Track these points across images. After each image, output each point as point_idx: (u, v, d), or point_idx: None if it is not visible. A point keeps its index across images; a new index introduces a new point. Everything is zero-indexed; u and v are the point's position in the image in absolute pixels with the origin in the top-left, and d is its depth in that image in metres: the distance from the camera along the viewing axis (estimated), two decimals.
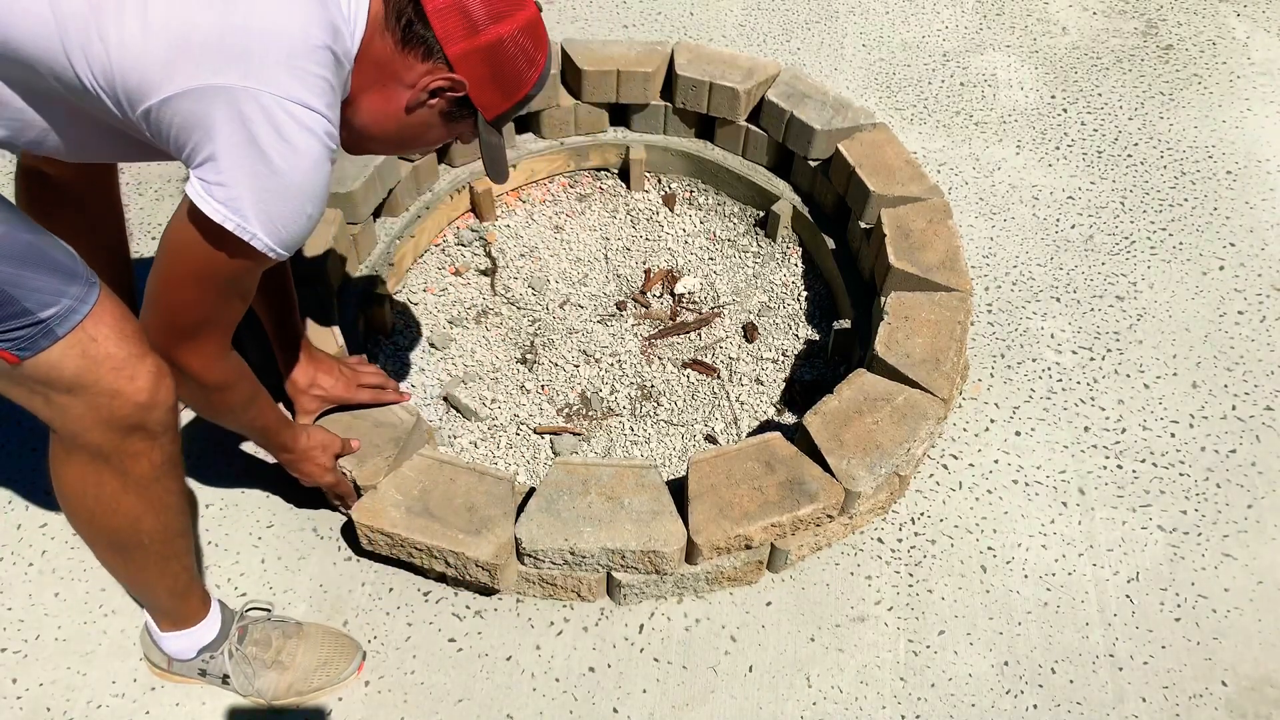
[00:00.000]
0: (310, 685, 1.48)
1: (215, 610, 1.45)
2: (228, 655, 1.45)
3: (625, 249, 2.28)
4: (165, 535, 1.29)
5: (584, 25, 2.86)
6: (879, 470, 1.59)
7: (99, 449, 1.15)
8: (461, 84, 1.16)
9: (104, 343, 1.08)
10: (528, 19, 1.19)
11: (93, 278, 1.11)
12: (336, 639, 1.52)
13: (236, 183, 1.04)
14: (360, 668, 1.52)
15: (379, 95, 1.17)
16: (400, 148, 1.29)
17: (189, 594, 1.41)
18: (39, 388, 1.09)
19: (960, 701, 1.52)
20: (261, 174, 1.04)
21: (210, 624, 1.44)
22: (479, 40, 1.15)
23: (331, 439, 1.55)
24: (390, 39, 1.13)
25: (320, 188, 1.11)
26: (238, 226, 1.06)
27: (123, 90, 1.01)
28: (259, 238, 1.08)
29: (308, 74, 1.03)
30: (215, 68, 0.99)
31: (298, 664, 1.48)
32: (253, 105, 1.00)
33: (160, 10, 0.98)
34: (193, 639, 1.44)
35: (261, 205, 1.06)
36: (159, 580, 1.36)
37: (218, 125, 1.01)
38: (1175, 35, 2.88)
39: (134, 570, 1.35)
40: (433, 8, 1.13)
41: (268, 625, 1.49)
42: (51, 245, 1.08)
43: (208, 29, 0.99)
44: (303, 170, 1.07)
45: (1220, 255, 2.23)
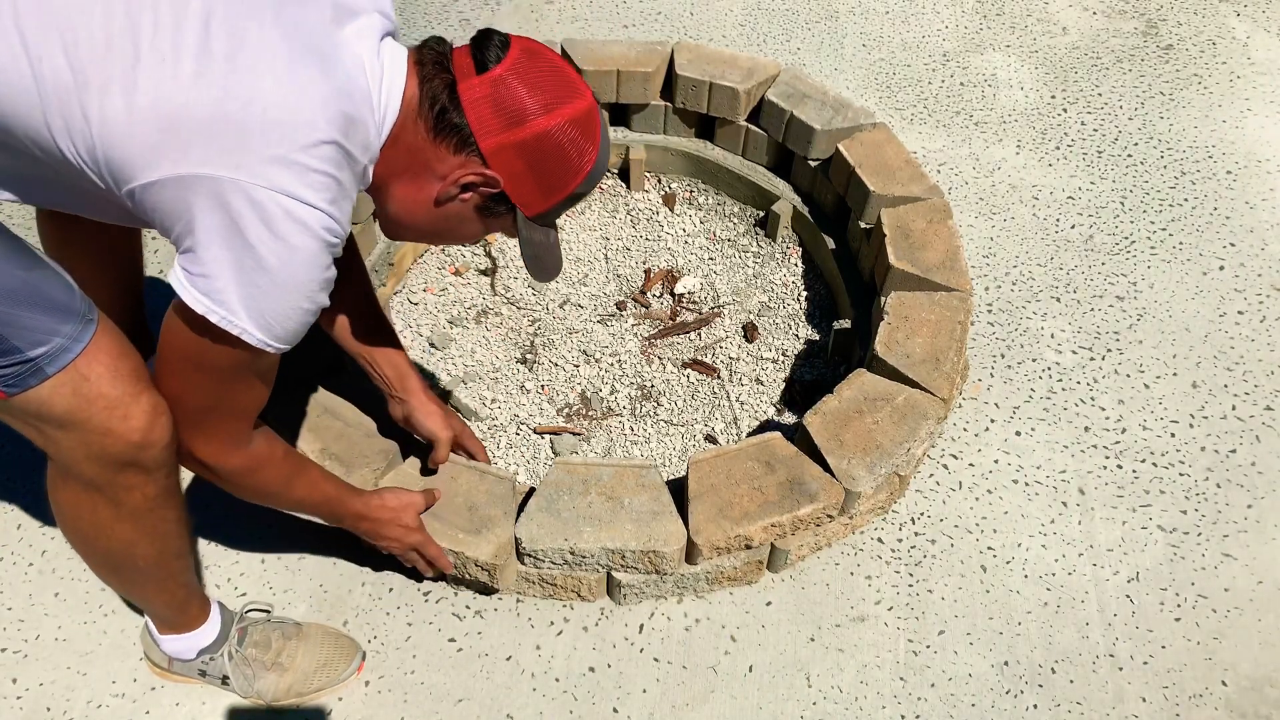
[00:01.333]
0: (310, 686, 1.48)
1: (215, 612, 1.45)
2: (227, 657, 1.45)
3: (625, 249, 2.28)
4: (161, 559, 1.28)
5: (584, 25, 2.86)
6: (879, 470, 1.59)
7: (91, 480, 1.14)
8: (495, 180, 1.09)
9: (96, 382, 1.06)
10: (579, 111, 1.10)
11: (91, 313, 1.07)
12: (336, 640, 1.52)
13: (220, 275, 0.97)
14: (360, 668, 1.52)
15: (410, 184, 1.11)
16: (436, 238, 1.21)
17: (187, 604, 1.41)
18: (31, 420, 1.07)
19: (960, 701, 1.52)
20: (249, 269, 0.97)
21: (210, 626, 1.44)
22: (518, 134, 1.07)
23: (413, 496, 1.47)
24: (422, 126, 1.07)
25: (317, 283, 1.03)
26: (223, 319, 0.99)
27: (105, 167, 0.95)
28: (249, 332, 1.01)
29: (306, 169, 0.96)
30: (204, 157, 0.92)
31: (297, 665, 1.47)
32: (241, 198, 0.93)
33: (149, 89, 0.91)
34: (192, 641, 1.43)
35: (250, 300, 0.99)
36: (156, 596, 1.36)
37: (202, 216, 0.94)
38: (1175, 35, 2.88)
39: (130, 587, 1.35)
40: (469, 97, 1.06)
41: (267, 626, 1.49)
42: (48, 280, 1.03)
43: (200, 115, 0.92)
44: (296, 267, 0.99)
45: (1220, 255, 2.23)
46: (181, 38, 0.92)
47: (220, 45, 0.93)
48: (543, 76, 1.08)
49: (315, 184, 0.97)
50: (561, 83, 1.09)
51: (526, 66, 1.08)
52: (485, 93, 1.06)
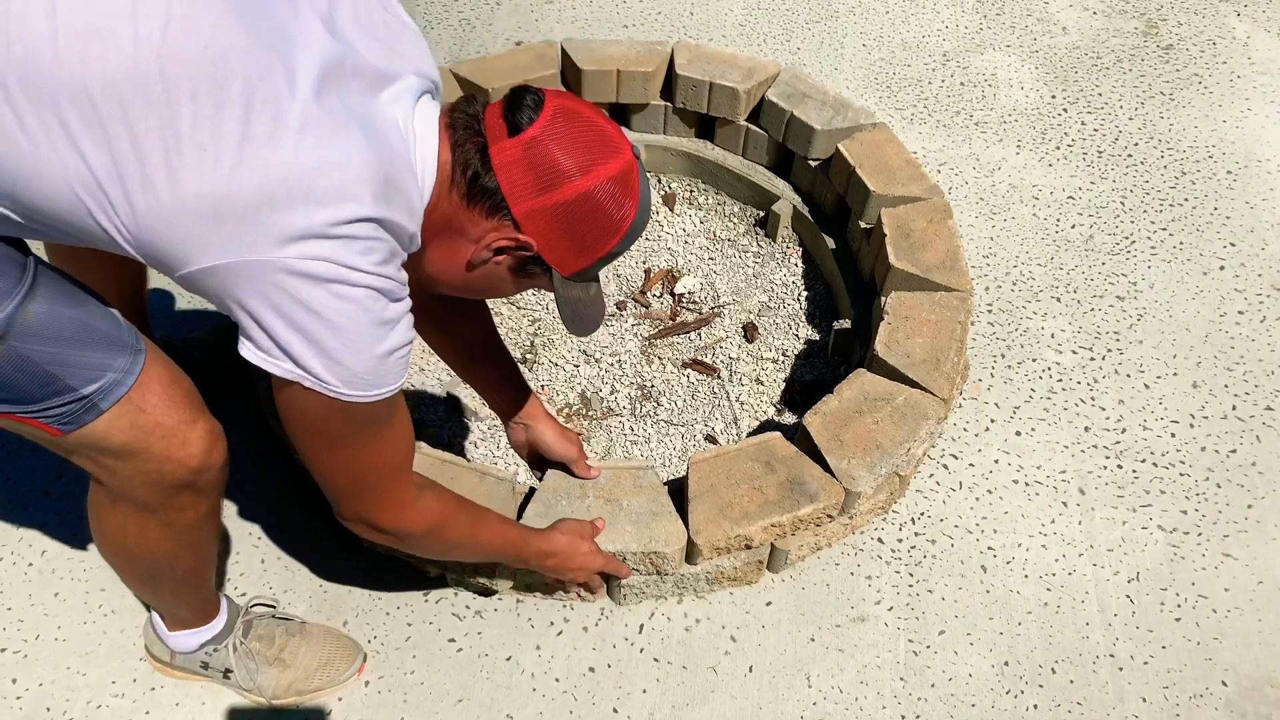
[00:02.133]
0: (311, 684, 1.48)
1: (224, 606, 1.46)
2: (231, 649, 1.45)
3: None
4: (198, 567, 1.31)
5: (584, 25, 2.86)
6: (879, 470, 1.59)
7: (146, 503, 1.15)
8: (528, 244, 1.07)
9: (153, 412, 1.06)
10: (617, 170, 1.08)
11: (139, 343, 1.07)
12: (339, 639, 1.52)
13: (294, 346, 0.96)
14: (361, 669, 1.52)
15: (445, 247, 1.10)
16: (473, 294, 1.21)
17: (207, 605, 1.43)
18: (88, 452, 1.08)
19: (960, 701, 1.52)
20: (322, 337, 0.96)
21: (218, 620, 1.45)
22: (551, 198, 1.05)
23: (583, 525, 1.48)
24: (456, 192, 1.05)
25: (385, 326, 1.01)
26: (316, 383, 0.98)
27: (153, 255, 0.94)
28: (344, 394, 1.00)
29: (353, 238, 0.95)
30: (251, 241, 0.91)
31: (299, 662, 1.48)
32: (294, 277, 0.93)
33: (192, 181, 0.90)
34: (198, 634, 1.44)
35: (331, 363, 0.98)
36: (183, 601, 1.38)
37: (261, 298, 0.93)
38: (1175, 35, 2.88)
39: (161, 594, 1.37)
40: (501, 160, 1.04)
41: (272, 622, 1.49)
42: (96, 316, 1.03)
43: (244, 204, 0.90)
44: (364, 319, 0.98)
45: (1220, 255, 2.23)
46: (221, 126, 0.91)
47: (261, 130, 0.92)
48: (579, 136, 1.06)
49: (364, 249, 0.96)
50: (598, 140, 1.08)
51: (561, 126, 1.06)
52: (517, 156, 1.04)
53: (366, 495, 1.14)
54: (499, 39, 2.82)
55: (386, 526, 1.17)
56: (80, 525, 1.67)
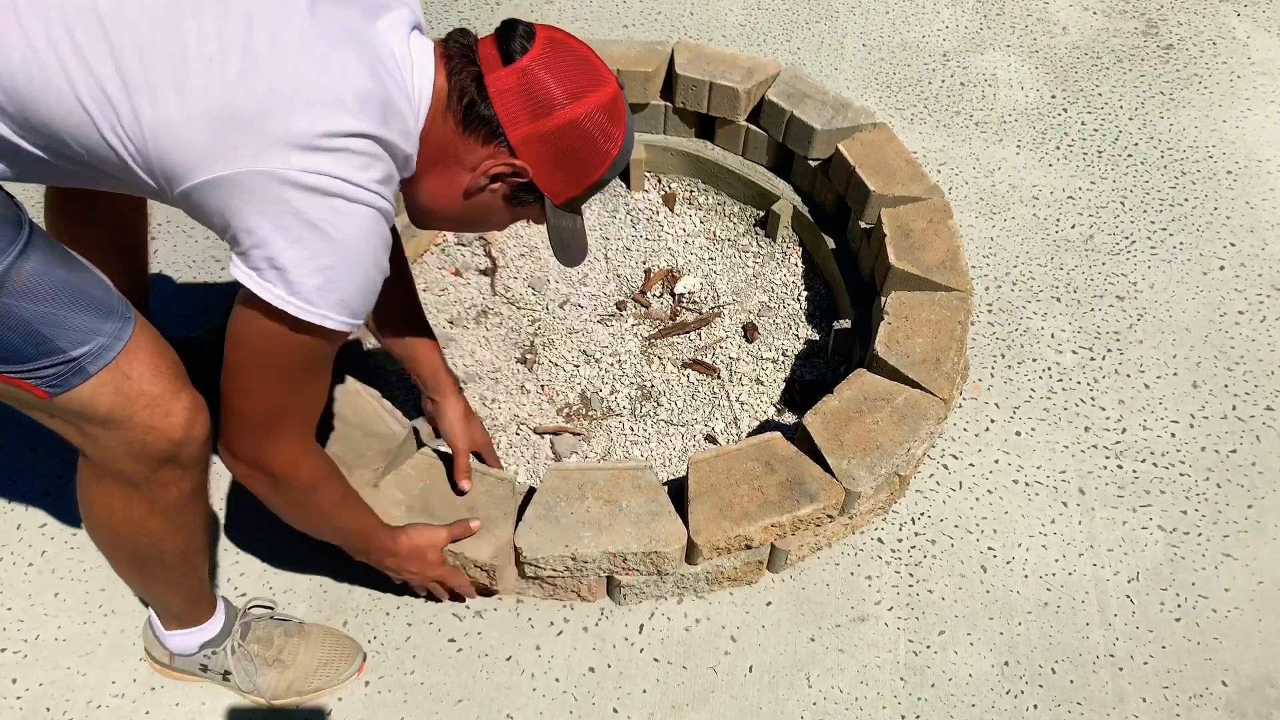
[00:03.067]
0: (310, 685, 1.48)
1: (220, 607, 1.46)
2: (230, 651, 1.45)
3: (625, 249, 2.28)
4: (186, 553, 1.30)
5: (584, 25, 2.86)
6: (879, 470, 1.59)
7: (130, 477, 1.14)
8: (524, 170, 1.10)
9: (138, 380, 1.07)
10: (604, 98, 1.11)
11: (128, 311, 1.08)
12: (338, 640, 1.52)
13: (293, 265, 0.98)
14: (361, 669, 1.52)
15: (440, 176, 1.13)
16: (465, 227, 1.24)
17: (199, 600, 1.42)
18: (72, 419, 1.08)
19: (960, 701, 1.52)
20: (320, 252, 0.99)
21: (215, 621, 1.45)
22: (546, 124, 1.08)
23: (437, 533, 1.47)
24: (451, 119, 1.09)
25: (380, 249, 1.05)
26: (302, 309, 1.01)
27: (159, 169, 0.97)
28: (330, 316, 1.03)
29: (352, 153, 0.98)
30: (255, 152, 0.94)
31: (299, 663, 1.48)
32: (296, 188, 0.96)
33: (198, 94, 0.93)
34: (196, 635, 1.44)
35: (327, 285, 1.01)
36: (174, 591, 1.37)
37: (262, 210, 0.96)
38: (1175, 35, 2.87)
39: (150, 582, 1.36)
40: (497, 88, 1.07)
41: (270, 623, 1.49)
42: (87, 280, 1.05)
43: (249, 113, 0.94)
44: (358, 237, 1.01)
45: (1220, 255, 2.23)
46: (226, 38, 0.95)
47: (263, 43, 0.96)
48: (569, 65, 1.10)
49: (363, 164, 1.00)
50: (587, 70, 1.11)
51: (552, 56, 1.09)
52: (513, 83, 1.07)
53: (275, 433, 1.15)
54: None
55: (278, 469, 1.17)
56: (81, 526, 1.67)
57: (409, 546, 1.44)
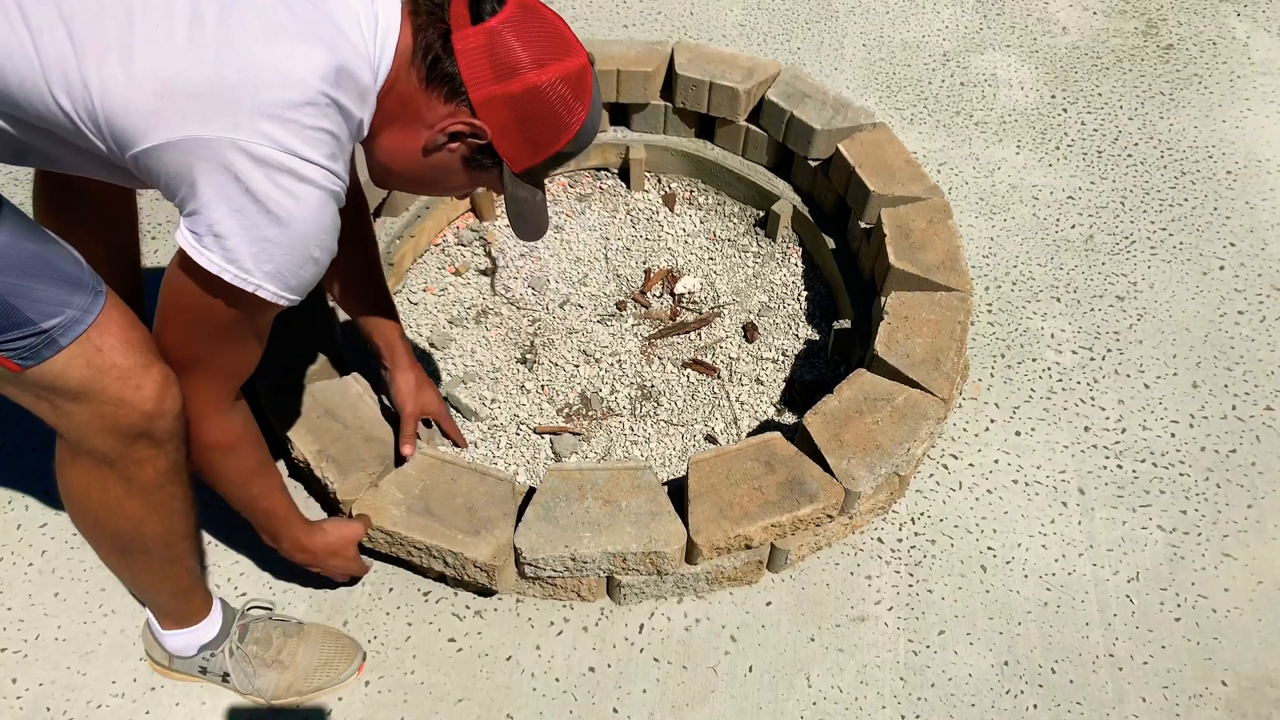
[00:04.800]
0: (310, 685, 1.48)
1: (217, 608, 1.45)
2: (228, 653, 1.45)
3: (625, 249, 2.28)
4: (168, 539, 1.28)
5: (584, 25, 2.86)
6: (879, 470, 1.59)
7: (104, 455, 1.14)
8: (483, 130, 1.10)
9: (109, 352, 1.07)
10: (572, 68, 1.10)
11: (99, 286, 1.08)
12: (337, 639, 1.52)
13: (230, 234, 0.98)
14: (360, 668, 1.52)
15: (400, 132, 1.12)
16: (422, 188, 1.23)
17: (191, 594, 1.41)
18: (44, 394, 1.08)
19: (960, 701, 1.52)
20: (260, 224, 0.99)
21: (212, 622, 1.44)
22: (509, 86, 1.07)
23: (353, 528, 1.48)
24: (415, 75, 1.08)
25: (326, 232, 1.05)
26: (236, 277, 1.00)
27: (109, 133, 0.97)
28: (264, 287, 1.02)
29: (302, 126, 0.98)
30: (203, 118, 0.94)
31: (298, 663, 1.48)
32: (242, 156, 0.95)
33: (145, 58, 0.93)
34: (194, 637, 1.44)
35: (263, 256, 1.00)
36: (161, 582, 1.36)
37: (205, 177, 0.96)
38: (1175, 35, 2.87)
39: (136, 571, 1.34)
40: (463, 46, 1.06)
41: (269, 624, 1.49)
42: (57, 254, 1.05)
43: (196, 80, 0.94)
44: (303, 218, 1.01)
45: (1220, 255, 2.23)
46: (174, 4, 0.95)
47: (211, 9, 0.96)
48: (538, 32, 1.10)
49: (312, 140, 0.99)
50: (556, 39, 1.11)
51: (522, 21, 1.09)
52: (479, 43, 1.07)
53: (192, 380, 1.13)
54: None
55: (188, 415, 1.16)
56: None
57: (324, 545, 1.43)
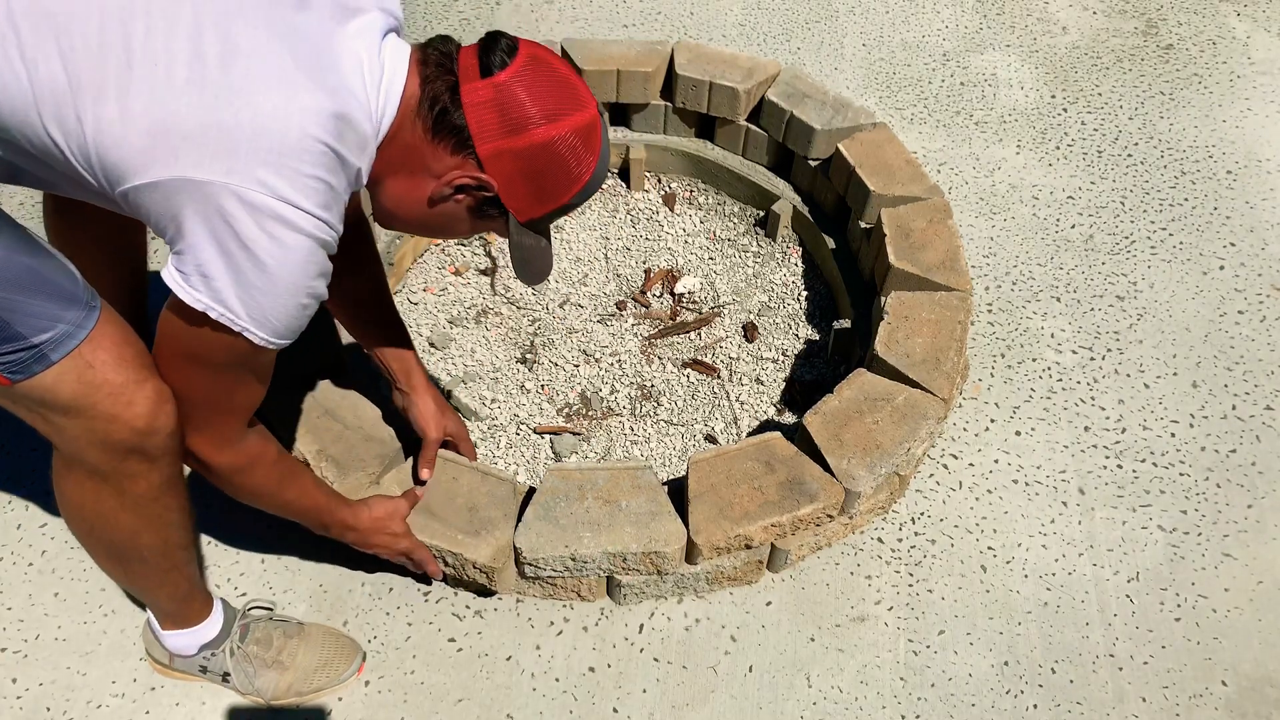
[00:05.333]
0: (310, 685, 1.48)
1: (218, 608, 1.45)
2: (229, 653, 1.45)
3: (625, 249, 2.28)
4: (165, 549, 1.29)
5: (584, 25, 2.86)
6: (879, 470, 1.59)
7: (96, 468, 1.14)
8: (489, 184, 1.09)
9: (101, 368, 1.06)
10: (582, 123, 1.10)
11: (94, 301, 1.08)
12: (338, 640, 1.52)
13: (217, 276, 0.98)
14: (360, 669, 1.52)
15: (406, 180, 1.12)
16: (428, 233, 1.23)
17: (191, 598, 1.41)
18: (35, 407, 1.08)
19: (960, 701, 1.52)
20: (244, 269, 0.98)
21: (212, 622, 1.44)
22: (517, 142, 1.07)
23: (398, 504, 1.49)
24: (420, 125, 1.08)
25: (314, 279, 1.04)
26: (223, 316, 1.00)
27: (100, 169, 0.97)
28: (250, 330, 1.02)
29: (298, 174, 0.97)
30: (196, 161, 0.93)
31: (298, 664, 1.48)
32: (233, 201, 0.94)
33: (142, 94, 0.92)
34: (194, 636, 1.44)
35: (249, 300, 1.00)
36: (159, 588, 1.36)
37: (194, 219, 0.95)
38: (1175, 35, 2.87)
39: (134, 578, 1.35)
40: (471, 100, 1.06)
41: (269, 624, 1.49)
42: (51, 268, 1.05)
43: (192, 121, 0.93)
44: (291, 266, 1.00)
45: (1220, 255, 2.23)
46: (174, 44, 0.94)
47: (213, 51, 0.95)
48: (548, 85, 1.09)
49: (306, 189, 0.98)
50: (566, 92, 1.10)
51: (532, 74, 1.08)
52: (488, 97, 1.06)
53: (195, 422, 1.14)
54: None
55: (198, 454, 1.17)
56: None
57: (369, 520, 1.44)
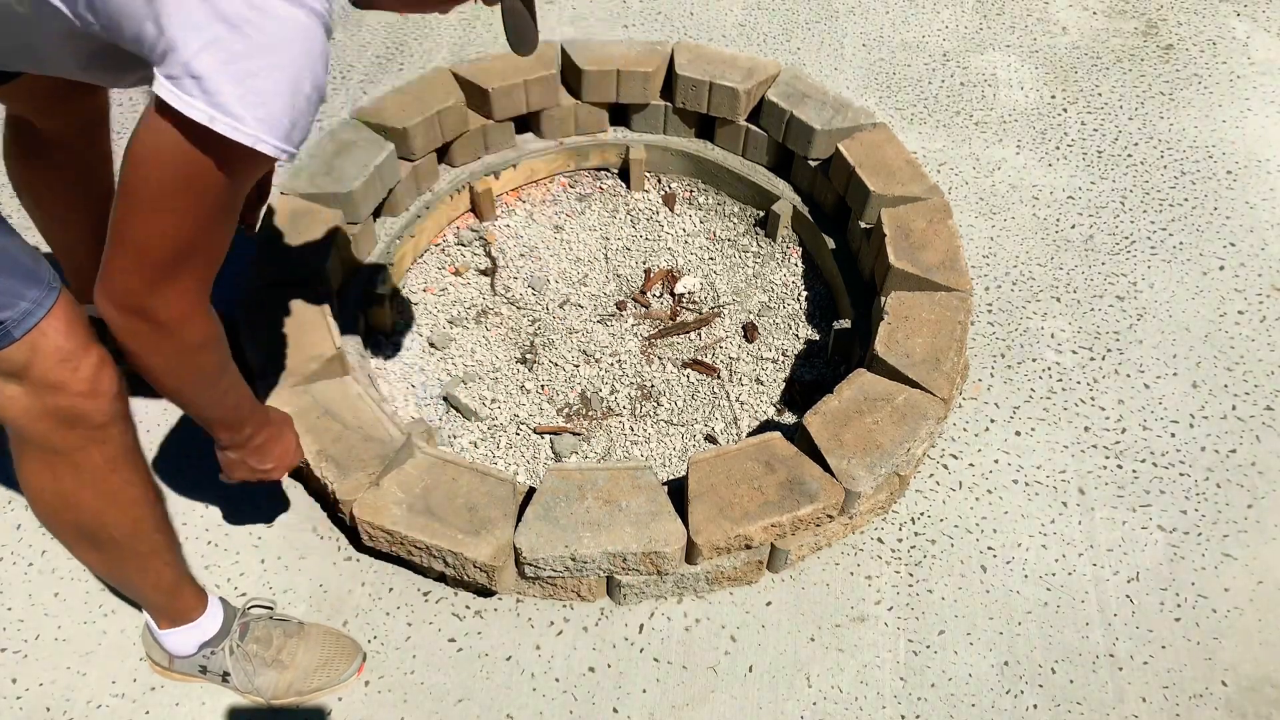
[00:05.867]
0: (310, 685, 1.48)
1: (216, 606, 1.45)
2: (228, 652, 1.45)
3: (625, 249, 2.28)
4: (135, 530, 1.27)
5: (584, 25, 2.86)
6: (879, 470, 1.59)
7: (47, 441, 1.15)
8: None
9: (53, 336, 1.09)
10: None
11: (55, 282, 1.09)
12: (338, 639, 1.52)
13: (211, 72, 0.86)
14: (361, 669, 1.52)
15: None
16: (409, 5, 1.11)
17: (178, 590, 1.40)
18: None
19: (960, 701, 1.52)
20: (238, 55, 0.87)
21: (211, 619, 1.44)
22: None
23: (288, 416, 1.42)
24: None
25: (317, 61, 0.93)
26: (228, 127, 0.88)
27: None
28: (262, 139, 0.91)
29: None
30: None
31: (298, 663, 1.48)
32: None
33: None
34: (193, 635, 1.44)
35: (251, 95, 0.88)
36: (141, 577, 1.35)
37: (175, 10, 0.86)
38: (1175, 35, 2.88)
39: (111, 566, 1.35)
40: None
41: (269, 623, 1.49)
42: (15, 247, 1.07)
43: None
44: (289, 41, 0.89)
45: (1220, 255, 2.23)
46: None
47: None
48: None
49: None
50: None
51: None
52: None
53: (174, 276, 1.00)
54: (499, 39, 2.82)
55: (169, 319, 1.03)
56: None
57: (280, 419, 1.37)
